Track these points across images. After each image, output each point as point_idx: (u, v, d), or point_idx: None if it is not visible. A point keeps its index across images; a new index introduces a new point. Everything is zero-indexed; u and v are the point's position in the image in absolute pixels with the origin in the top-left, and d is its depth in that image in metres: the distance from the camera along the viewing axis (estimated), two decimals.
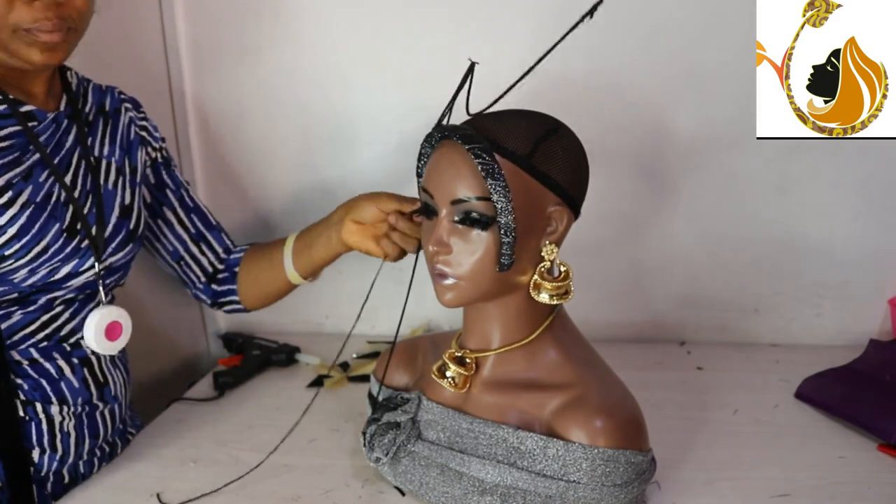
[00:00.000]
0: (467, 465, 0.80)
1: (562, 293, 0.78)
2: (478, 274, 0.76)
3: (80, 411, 0.92)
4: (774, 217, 1.24)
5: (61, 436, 0.90)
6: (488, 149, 0.73)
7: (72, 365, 0.92)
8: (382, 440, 0.84)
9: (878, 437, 0.96)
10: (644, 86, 1.20)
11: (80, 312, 0.94)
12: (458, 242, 0.76)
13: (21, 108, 0.87)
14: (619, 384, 0.83)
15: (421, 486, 0.83)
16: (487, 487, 0.78)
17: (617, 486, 0.76)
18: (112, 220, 0.95)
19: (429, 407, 0.85)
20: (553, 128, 0.77)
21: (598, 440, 0.75)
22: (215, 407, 1.15)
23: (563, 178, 0.76)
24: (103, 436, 0.96)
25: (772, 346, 1.28)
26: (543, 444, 0.77)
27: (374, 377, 0.96)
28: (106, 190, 0.95)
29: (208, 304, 1.15)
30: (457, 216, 0.76)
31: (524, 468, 0.77)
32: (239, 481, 0.93)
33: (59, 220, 0.88)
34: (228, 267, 1.13)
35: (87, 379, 0.93)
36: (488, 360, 0.83)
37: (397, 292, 1.39)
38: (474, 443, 0.81)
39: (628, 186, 1.25)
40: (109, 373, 0.97)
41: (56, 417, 0.89)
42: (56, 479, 0.91)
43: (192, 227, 1.11)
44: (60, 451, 0.90)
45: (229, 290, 1.12)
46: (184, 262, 1.12)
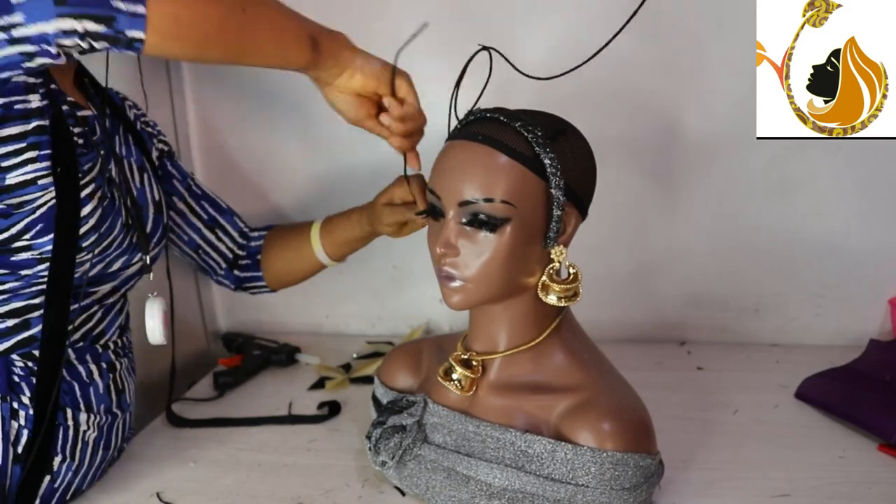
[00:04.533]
0: (474, 468, 0.79)
1: (570, 295, 0.78)
2: (485, 276, 0.75)
3: (102, 421, 0.92)
4: (774, 217, 1.24)
5: (82, 444, 0.89)
6: (533, 124, 0.74)
7: (100, 369, 0.93)
8: (388, 443, 0.83)
9: (878, 436, 0.96)
10: (644, 86, 1.20)
11: (110, 313, 0.96)
12: (465, 244, 0.76)
13: (77, 113, 0.87)
14: (627, 387, 0.83)
15: (427, 489, 0.83)
16: (495, 491, 0.78)
17: (625, 490, 0.76)
18: (150, 216, 0.97)
19: (435, 410, 0.84)
20: (561, 128, 0.77)
21: (606, 443, 0.75)
22: (215, 407, 1.15)
23: (571, 179, 0.76)
24: (112, 448, 0.96)
25: (772, 346, 1.28)
26: (552, 448, 0.77)
27: (378, 379, 0.96)
28: (136, 188, 0.96)
29: (232, 288, 1.18)
30: (464, 218, 0.75)
31: (532, 472, 0.77)
32: (239, 481, 0.93)
33: (120, 214, 0.90)
34: (250, 254, 1.15)
35: (109, 385, 0.94)
36: (495, 363, 0.83)
37: (396, 292, 1.41)
38: (481, 446, 0.80)
39: (628, 187, 1.25)
40: (125, 380, 0.97)
41: (82, 426, 0.89)
42: (65, 489, 0.90)
43: (205, 213, 1.13)
44: (77, 461, 0.89)
45: (253, 277, 1.15)
46: (202, 251, 1.13)
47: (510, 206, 0.73)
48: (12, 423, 0.83)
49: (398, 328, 1.39)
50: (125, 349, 1.00)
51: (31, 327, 0.86)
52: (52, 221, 0.81)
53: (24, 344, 0.85)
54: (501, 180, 0.73)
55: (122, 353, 0.98)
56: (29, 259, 0.82)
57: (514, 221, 0.74)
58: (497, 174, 0.73)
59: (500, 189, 0.73)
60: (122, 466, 0.98)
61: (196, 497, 0.91)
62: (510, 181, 0.73)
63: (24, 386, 0.85)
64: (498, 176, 0.73)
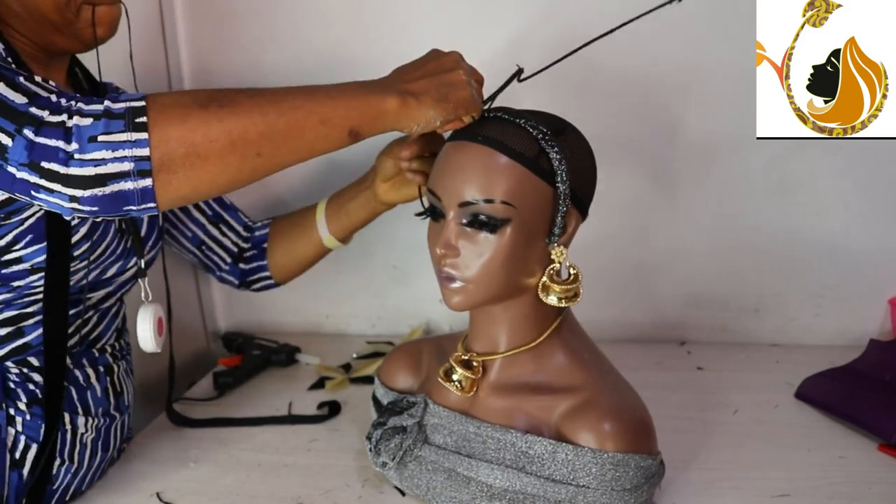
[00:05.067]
0: (475, 469, 0.79)
1: (571, 295, 0.77)
2: (486, 277, 0.75)
3: (101, 424, 0.92)
4: (774, 217, 1.23)
5: (80, 447, 0.89)
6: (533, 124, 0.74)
7: (97, 372, 0.92)
8: (388, 444, 0.82)
9: (879, 436, 0.96)
10: (643, 87, 1.20)
11: (106, 317, 0.95)
12: (465, 245, 0.75)
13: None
14: (628, 387, 0.83)
15: (428, 490, 0.82)
16: (496, 492, 0.78)
17: (626, 491, 0.76)
18: (145, 220, 0.96)
19: (435, 411, 0.84)
20: (561, 128, 0.77)
21: (607, 444, 0.75)
22: (215, 407, 1.15)
23: (572, 179, 0.76)
24: (111, 449, 0.95)
25: (772, 346, 1.28)
26: (552, 449, 0.77)
27: (379, 380, 0.96)
28: None
29: (235, 284, 1.17)
30: (465, 219, 0.75)
31: (533, 473, 0.77)
32: (239, 481, 0.93)
33: (113, 221, 0.89)
34: (255, 244, 1.15)
35: (108, 388, 0.93)
36: (495, 364, 0.83)
37: (396, 292, 1.41)
38: (482, 447, 0.80)
39: (628, 186, 1.24)
40: (123, 382, 0.97)
41: (80, 429, 0.89)
42: (63, 491, 0.90)
43: (209, 209, 1.12)
44: (76, 463, 0.89)
45: (258, 267, 1.14)
46: (205, 247, 1.13)
47: (510, 206, 0.73)
48: (9, 430, 0.83)
49: (398, 328, 1.39)
50: (123, 351, 0.99)
51: (26, 335, 0.85)
52: (43, 232, 0.80)
53: (18, 352, 0.85)
54: (502, 181, 0.73)
55: (120, 356, 0.98)
56: (20, 271, 0.81)
57: (514, 222, 0.74)
58: (497, 175, 0.73)
59: (500, 190, 0.73)
60: (122, 467, 0.98)
61: (196, 497, 0.91)
62: (510, 182, 0.73)
63: (20, 392, 0.84)
64: (498, 177, 0.73)
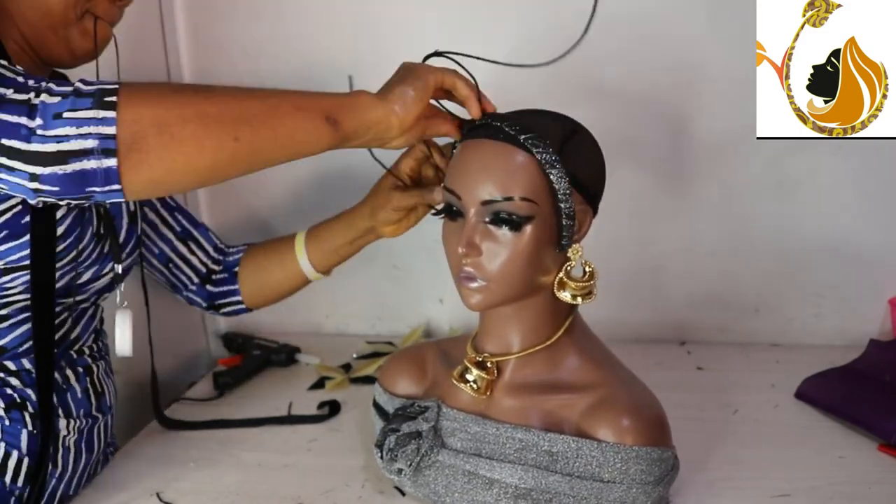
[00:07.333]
0: (497, 470, 0.79)
1: (586, 293, 0.78)
2: (507, 275, 0.75)
3: (83, 425, 0.91)
4: (774, 217, 1.24)
5: (63, 450, 0.89)
6: (541, 138, 0.73)
7: (77, 374, 0.92)
8: (405, 451, 0.81)
9: (879, 437, 0.96)
10: (643, 88, 1.20)
11: (81, 320, 0.94)
12: (487, 244, 0.75)
13: None
14: (641, 383, 0.83)
15: (447, 494, 0.81)
16: (521, 492, 0.77)
17: (649, 484, 0.76)
18: (124, 226, 0.95)
19: (450, 414, 0.83)
20: (574, 128, 0.78)
21: (626, 439, 0.76)
22: (215, 407, 1.15)
23: (586, 178, 0.76)
24: (97, 451, 0.95)
25: (772, 346, 1.28)
26: (576, 446, 0.77)
27: (381, 386, 0.93)
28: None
29: (203, 306, 1.12)
30: (487, 217, 0.75)
31: (557, 471, 0.77)
32: (239, 481, 0.93)
33: (91, 223, 0.88)
34: (227, 268, 1.11)
35: (88, 389, 0.92)
36: (509, 364, 0.82)
37: (396, 292, 1.41)
38: (501, 448, 0.80)
39: (628, 187, 1.24)
40: (103, 382, 0.96)
41: (62, 432, 0.88)
42: (50, 495, 0.89)
43: (178, 225, 1.08)
44: (60, 467, 0.89)
45: (229, 291, 1.10)
46: (172, 264, 1.08)
47: (532, 203, 0.73)
48: None
49: (398, 328, 1.39)
50: (101, 352, 0.98)
51: (0, 338, 0.84)
52: (19, 229, 0.78)
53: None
54: (524, 178, 0.73)
55: (99, 356, 0.96)
56: None
57: (536, 219, 0.74)
58: (518, 172, 0.73)
59: (522, 187, 0.73)
60: (121, 466, 0.98)
61: (196, 497, 0.91)
62: (531, 178, 0.73)
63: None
64: (520, 174, 0.73)
